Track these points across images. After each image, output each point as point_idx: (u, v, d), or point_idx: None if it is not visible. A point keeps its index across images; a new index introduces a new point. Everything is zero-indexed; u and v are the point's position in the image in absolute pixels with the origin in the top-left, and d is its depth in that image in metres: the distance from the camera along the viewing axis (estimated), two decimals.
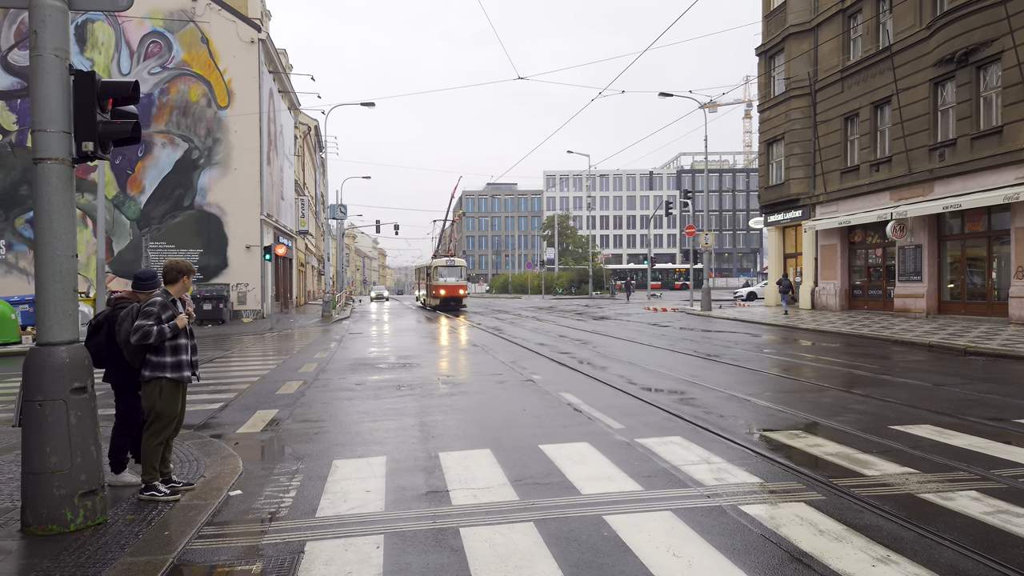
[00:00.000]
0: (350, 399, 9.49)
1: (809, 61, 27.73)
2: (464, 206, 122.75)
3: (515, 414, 8.32)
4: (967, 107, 20.22)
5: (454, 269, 37.49)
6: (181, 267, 5.34)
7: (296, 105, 43.23)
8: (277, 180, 34.54)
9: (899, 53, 22.62)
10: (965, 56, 19.89)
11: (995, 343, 14.31)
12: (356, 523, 4.61)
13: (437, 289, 36.29)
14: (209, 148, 29.06)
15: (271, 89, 32.81)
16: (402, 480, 5.57)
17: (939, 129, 21.62)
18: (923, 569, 3.72)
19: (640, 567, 3.84)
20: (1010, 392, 9.23)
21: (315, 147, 58.69)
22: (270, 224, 31.44)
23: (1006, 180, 18.69)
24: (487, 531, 4.41)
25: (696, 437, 6.80)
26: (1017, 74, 18.16)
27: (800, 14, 27.87)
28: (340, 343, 18.41)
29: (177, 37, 28.77)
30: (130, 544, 4.27)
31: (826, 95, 26.99)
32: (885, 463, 5.77)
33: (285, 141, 37.79)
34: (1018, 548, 3.99)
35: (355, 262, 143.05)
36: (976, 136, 19.90)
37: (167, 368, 5.15)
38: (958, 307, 21.37)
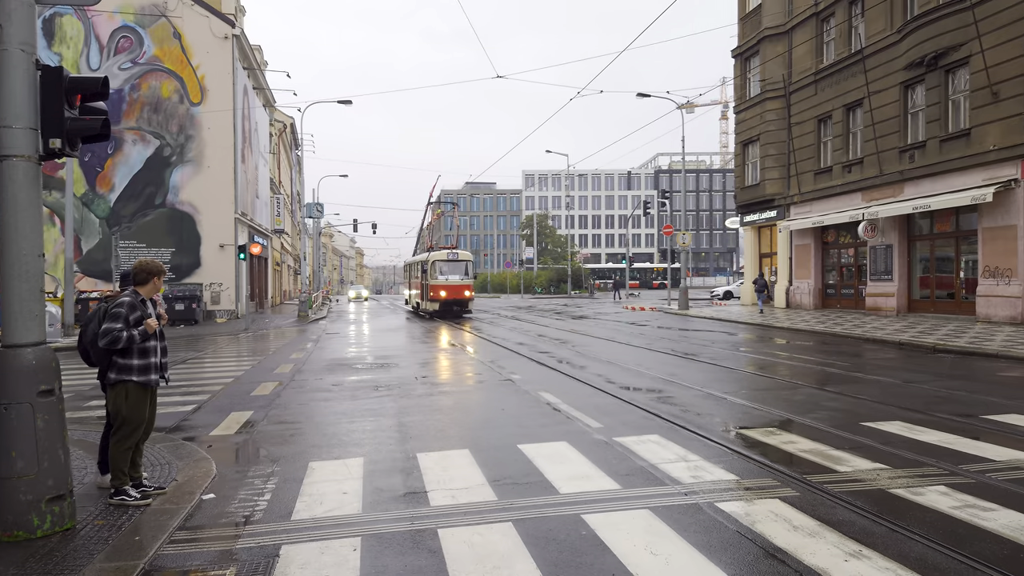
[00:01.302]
0: (327, 400, 9.40)
1: (784, 63, 28.08)
2: (443, 205, 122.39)
3: (494, 414, 8.31)
4: (936, 110, 20.63)
5: (458, 265, 29.07)
6: (151, 267, 5.21)
7: (271, 102, 42.76)
8: (252, 178, 34.13)
9: (871, 56, 22.99)
10: (934, 60, 20.29)
11: (963, 341, 14.62)
12: (333, 525, 4.57)
13: (436, 290, 28.40)
14: (181, 145, 28.62)
15: (245, 86, 32.41)
16: (380, 481, 5.53)
17: (909, 131, 22.03)
18: (894, 563, 3.78)
19: (618, 565, 3.86)
20: (977, 389, 9.43)
21: (291, 145, 58.13)
22: (245, 223, 31.06)
23: (974, 181, 19.09)
24: (465, 532, 4.39)
25: (674, 435, 6.85)
26: (984, 78, 18.57)
27: (775, 17, 28.21)
28: (317, 343, 18.24)
29: (149, 32, 28.29)
30: (100, 550, 4.19)
31: (800, 97, 27.35)
32: (857, 459, 5.86)
33: (260, 139, 37.34)
34: (985, 542, 4.07)
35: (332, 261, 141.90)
36: (945, 138, 20.31)
37: (134, 371, 5.03)
38: (927, 305, 21.79)
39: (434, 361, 13.88)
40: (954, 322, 19.18)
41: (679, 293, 31.03)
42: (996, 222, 18.57)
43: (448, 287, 28.35)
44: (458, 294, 28.49)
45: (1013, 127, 17.99)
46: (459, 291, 28.58)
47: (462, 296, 28.60)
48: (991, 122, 18.63)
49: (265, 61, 43.17)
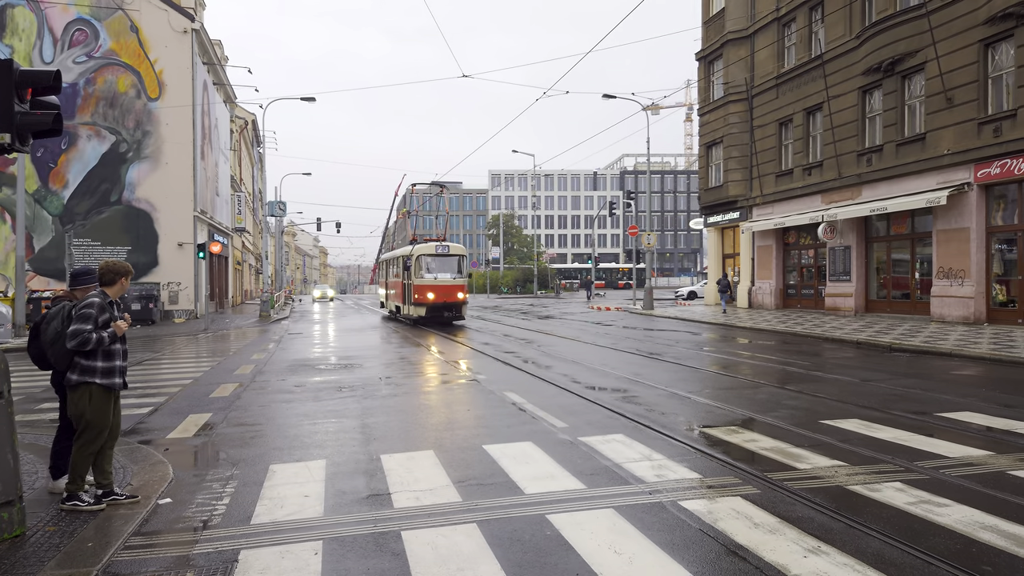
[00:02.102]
0: (289, 402, 9.25)
1: (746, 67, 28.55)
2: (408, 204, 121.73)
3: (459, 414, 8.27)
4: (893, 115, 21.19)
5: (448, 260, 23.85)
6: (119, 268, 5.10)
7: (232, 98, 41.97)
8: (212, 175, 33.45)
9: (830, 61, 23.51)
10: (891, 66, 20.84)
11: (918, 340, 15.03)
12: (293, 529, 4.48)
13: (421, 291, 22.99)
14: (138, 141, 27.91)
15: (205, 81, 31.75)
16: (342, 484, 5.45)
17: (867, 135, 22.59)
18: (851, 559, 3.86)
19: (582, 565, 3.86)
20: (931, 387, 9.70)
21: (252, 142, 57.16)
22: (204, 221, 30.44)
23: (928, 185, 19.66)
24: (429, 534, 4.35)
25: (638, 435, 6.89)
26: (939, 84, 19.13)
27: (738, 21, 28.66)
28: (279, 344, 17.96)
29: (105, 25, 27.53)
30: (50, 557, 4.04)
31: (762, 100, 27.84)
32: (816, 457, 5.97)
33: (220, 135, 36.61)
34: (939, 537, 4.18)
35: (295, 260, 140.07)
36: (901, 143, 20.87)
37: (97, 373, 4.89)
38: (884, 306, 22.37)
39: (399, 361, 13.77)
40: (910, 322, 19.72)
41: (644, 293, 31.32)
42: (950, 224, 19.15)
43: (437, 288, 22.93)
44: (449, 296, 23.06)
45: (966, 132, 18.58)
46: (451, 293, 23.14)
47: (454, 299, 23.14)
48: (945, 127, 19.20)
49: (226, 56, 42.38)
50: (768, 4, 27.08)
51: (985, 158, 17.92)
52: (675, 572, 3.76)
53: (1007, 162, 17.34)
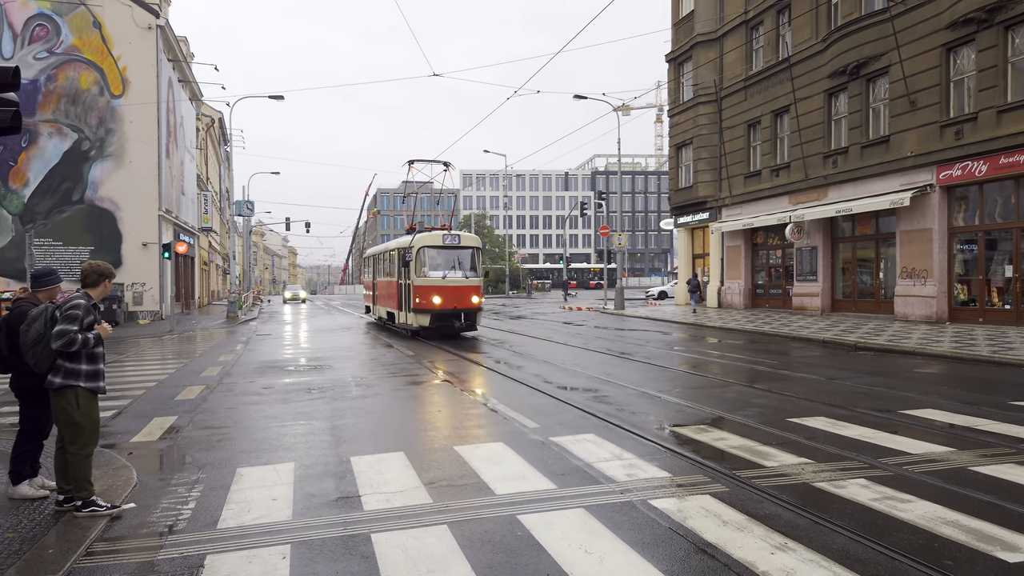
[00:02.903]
0: (256, 404, 9.10)
1: (715, 69, 28.90)
2: (379, 204, 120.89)
3: (430, 415, 8.22)
4: (858, 117, 21.62)
5: (459, 255, 18.69)
6: (102, 270, 5.05)
7: (198, 96, 41.26)
8: (177, 174, 32.84)
9: (797, 64, 23.90)
10: (856, 69, 21.25)
11: (882, 339, 15.35)
12: (261, 533, 4.41)
13: (425, 294, 17.98)
14: (101, 139, 27.28)
15: (170, 78, 31.16)
16: (311, 487, 5.38)
17: (833, 137, 23.01)
18: (817, 555, 3.91)
19: (553, 565, 3.86)
20: (895, 385, 9.91)
21: (219, 140, 56.20)
22: (169, 220, 29.87)
23: (892, 186, 20.09)
24: (400, 536, 4.32)
25: (609, 434, 6.92)
26: (902, 87, 19.56)
27: (707, 23, 28.99)
28: (247, 345, 17.69)
29: (66, 20, 26.86)
30: (11, 564, 3.93)
31: (731, 102, 28.19)
32: (784, 454, 6.05)
33: (186, 133, 35.95)
34: (902, 532, 4.26)
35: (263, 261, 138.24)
36: (866, 145, 21.30)
37: (82, 376, 4.83)
38: (849, 305, 22.81)
39: (369, 362, 13.65)
40: (874, 321, 20.13)
41: (615, 293, 31.52)
42: (913, 225, 19.59)
43: (445, 290, 17.80)
44: (461, 300, 17.84)
45: (929, 135, 19.02)
46: (463, 296, 17.91)
47: (467, 304, 17.96)
48: (908, 130, 19.64)
49: (192, 53, 41.63)
50: (736, 7, 27.44)
51: (947, 160, 18.37)
52: (645, 570, 3.78)
53: (968, 164, 17.80)
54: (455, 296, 17.91)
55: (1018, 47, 16.74)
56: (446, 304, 17.78)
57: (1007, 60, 16.91)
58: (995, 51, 17.05)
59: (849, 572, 3.69)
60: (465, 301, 18.01)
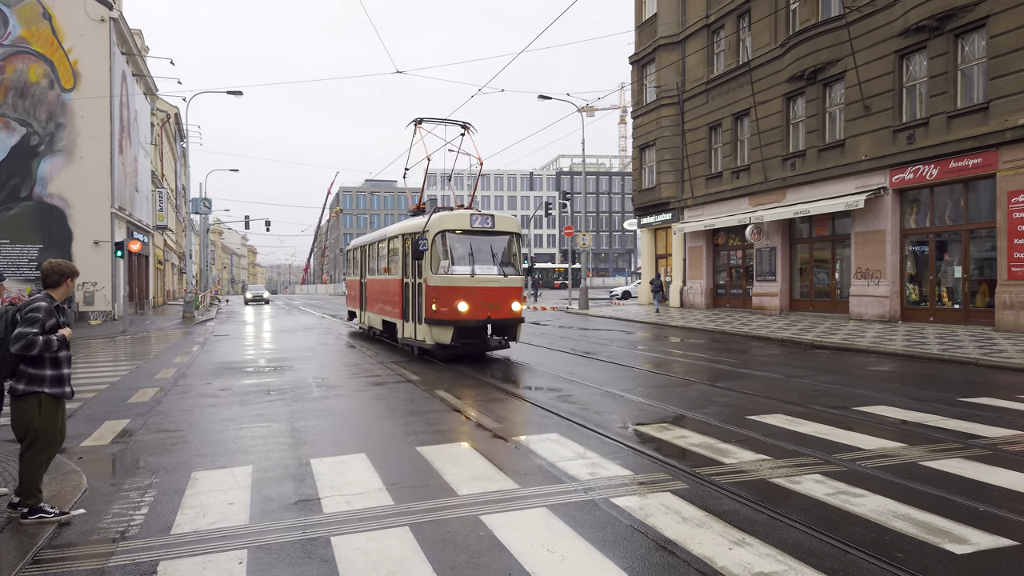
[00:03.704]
0: (213, 406, 8.90)
1: (678, 71, 29.26)
2: (341, 203, 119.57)
3: (393, 416, 8.15)
4: (815, 121, 22.11)
5: (494, 243, 13.74)
6: (63, 269, 4.87)
7: (153, 90, 40.18)
8: (131, 170, 31.97)
9: (756, 68, 24.34)
10: (814, 74, 21.74)
11: (837, 337, 15.73)
12: (217, 538, 4.31)
13: (447, 298, 12.93)
14: (51, 134, 26.41)
15: (124, 72, 30.31)
16: (269, 490, 5.28)
17: (791, 140, 23.50)
18: (774, 549, 3.98)
19: (515, 565, 3.85)
20: (850, 382, 10.15)
21: (175, 136, 54.89)
22: (122, 218, 29.06)
23: (848, 189, 20.60)
24: (360, 539, 4.26)
25: (572, 433, 6.94)
26: (857, 92, 20.07)
27: (669, 26, 29.34)
28: (203, 346, 17.30)
29: (15, 11, 25.91)
30: None
31: (693, 105, 28.59)
32: (742, 451, 6.15)
33: (140, 128, 35.01)
34: (855, 526, 4.36)
35: (222, 259, 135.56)
36: (822, 148, 21.80)
37: (46, 382, 4.68)
38: (807, 304, 23.32)
39: (330, 363, 13.47)
40: (830, 320, 20.62)
41: (579, 293, 31.69)
42: (867, 227, 20.11)
43: (475, 293, 12.84)
44: (498, 308, 13.04)
45: (882, 139, 19.55)
46: (500, 301, 13.09)
47: (506, 312, 13.14)
48: (863, 134, 20.16)
49: (146, 47, 40.59)
50: (698, 11, 27.83)
51: (899, 164, 18.90)
52: (606, 568, 3.80)
53: (920, 168, 18.34)
54: (489, 301, 12.78)
55: (967, 55, 17.32)
56: (476, 313, 12.62)
57: (957, 67, 17.48)
58: (945, 58, 17.60)
59: (804, 565, 3.76)
60: (503, 309, 12.93)
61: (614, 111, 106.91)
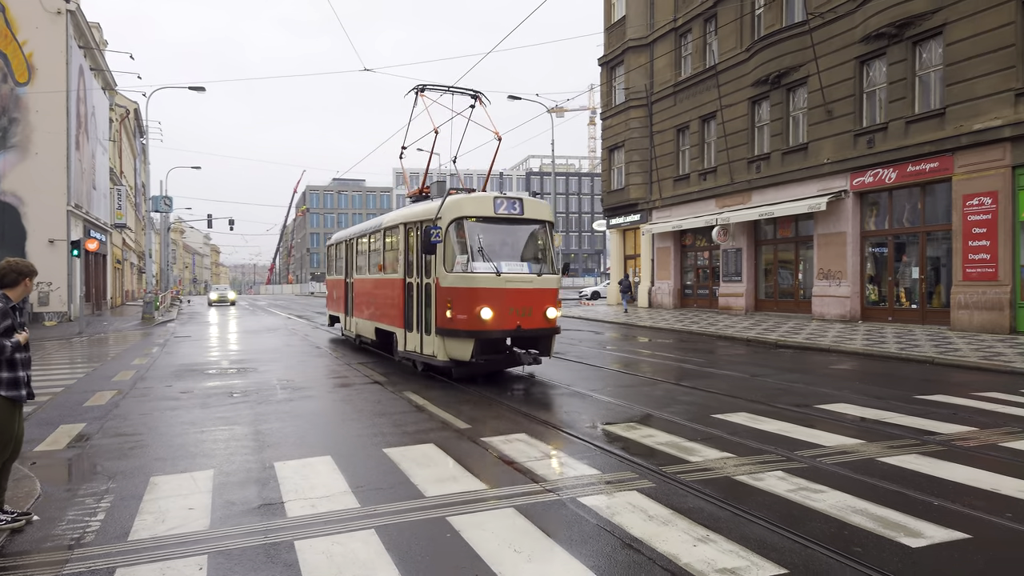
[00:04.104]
0: (174, 409, 8.71)
1: (646, 74, 29.54)
2: (308, 202, 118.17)
3: (359, 417, 8.07)
4: (779, 125, 22.51)
5: (523, 233, 11.07)
6: (21, 268, 4.68)
7: (112, 85, 39.20)
8: (88, 167, 31.14)
9: (723, 72, 24.69)
10: (778, 78, 22.12)
11: (800, 337, 16.03)
12: (176, 544, 4.22)
13: (465, 302, 10.16)
14: (4, 129, 25.59)
15: (81, 66, 29.52)
16: (232, 494, 5.18)
17: (756, 144, 23.88)
18: (737, 546, 4.04)
19: (481, 565, 3.84)
20: (812, 381, 10.35)
21: (135, 132, 53.62)
22: (79, 216, 28.30)
23: (811, 191, 21.00)
24: (324, 542, 4.21)
25: (540, 433, 6.95)
26: (820, 97, 20.48)
27: (638, 29, 29.61)
28: (163, 348, 16.92)
29: None
30: None
31: (661, 107, 28.88)
32: (707, 449, 6.22)
33: (98, 124, 34.10)
34: (816, 521, 4.44)
35: (183, 259, 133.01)
36: (786, 151, 22.20)
37: (2, 385, 4.56)
38: (771, 305, 23.73)
39: (296, 364, 13.30)
40: (793, 320, 21.00)
41: None
42: (829, 229, 20.54)
43: (502, 296, 10.32)
44: (529, 315, 10.53)
45: (843, 143, 19.98)
46: (532, 306, 10.58)
47: (540, 321, 10.67)
48: (825, 138, 20.58)
49: (105, 40, 39.56)
50: (666, 14, 28.13)
51: (860, 167, 19.34)
52: (572, 567, 3.81)
53: (879, 171, 18.79)
54: (519, 306, 10.33)
55: (924, 61, 17.79)
56: (503, 321, 10.13)
57: (915, 73, 17.95)
58: (904, 65, 18.06)
59: (765, 561, 3.82)
60: (535, 316, 10.47)
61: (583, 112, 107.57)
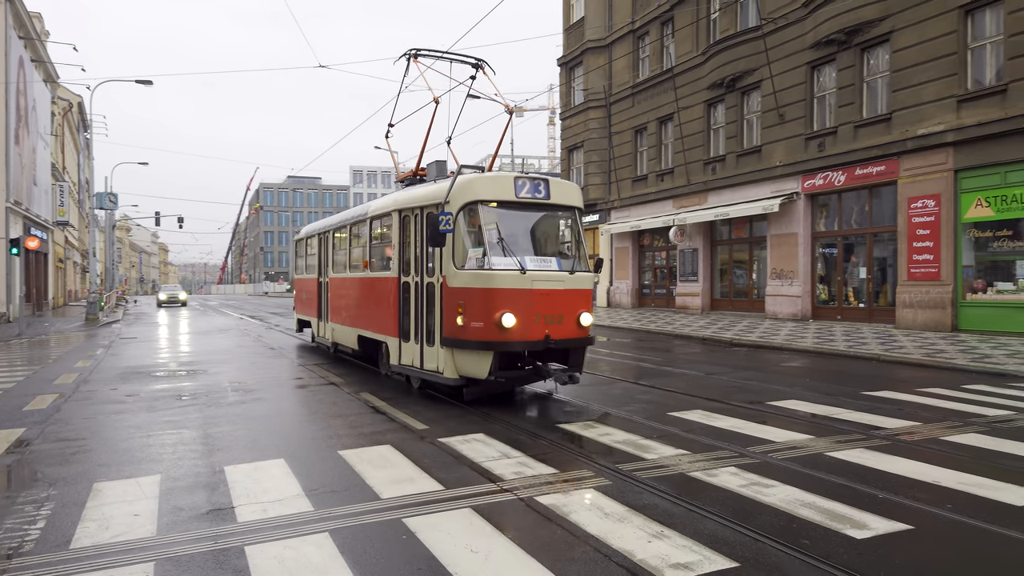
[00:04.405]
0: (119, 413, 8.43)
1: (605, 75, 29.80)
2: (262, 199, 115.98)
3: (314, 419, 7.94)
4: (734, 127, 22.95)
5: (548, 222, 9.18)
6: None
7: (54, 77, 37.80)
8: (29, 162, 29.96)
9: (680, 75, 25.06)
10: (732, 82, 22.55)
11: (754, 335, 16.37)
12: (120, 552, 4.07)
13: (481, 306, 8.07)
14: None
15: (22, 57, 28.40)
16: (180, 500, 5.03)
17: (712, 146, 24.31)
18: (690, 541, 4.09)
19: (437, 566, 3.81)
20: (765, 378, 10.58)
21: (79, 127, 51.83)
22: (18, 213, 27.22)
23: (764, 193, 21.47)
24: (276, 547, 4.12)
25: (498, 433, 6.94)
26: (772, 101, 20.94)
27: (597, 30, 29.84)
28: (108, 349, 16.38)
29: None
30: None
31: (620, 108, 29.17)
32: (663, 447, 6.30)
33: (40, 118, 32.83)
34: (766, 515, 4.53)
35: (129, 258, 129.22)
36: (741, 153, 22.65)
37: None
38: (727, 304, 24.18)
39: (248, 366, 13.01)
40: (748, 319, 21.44)
41: None
42: (782, 230, 21.02)
43: (528, 299, 8.13)
44: (560, 322, 8.34)
45: (795, 146, 20.48)
46: (564, 312, 8.39)
47: (573, 331, 8.48)
48: (778, 141, 21.06)
49: (47, 31, 38.17)
50: (624, 16, 28.42)
51: (811, 170, 19.85)
52: (529, 565, 3.81)
53: (828, 174, 19.31)
54: (549, 312, 8.28)
55: (873, 68, 18.35)
56: (528, 330, 8.12)
57: (863, 79, 18.49)
58: (853, 70, 18.59)
59: (717, 555, 3.89)
60: (566, 323, 8.39)
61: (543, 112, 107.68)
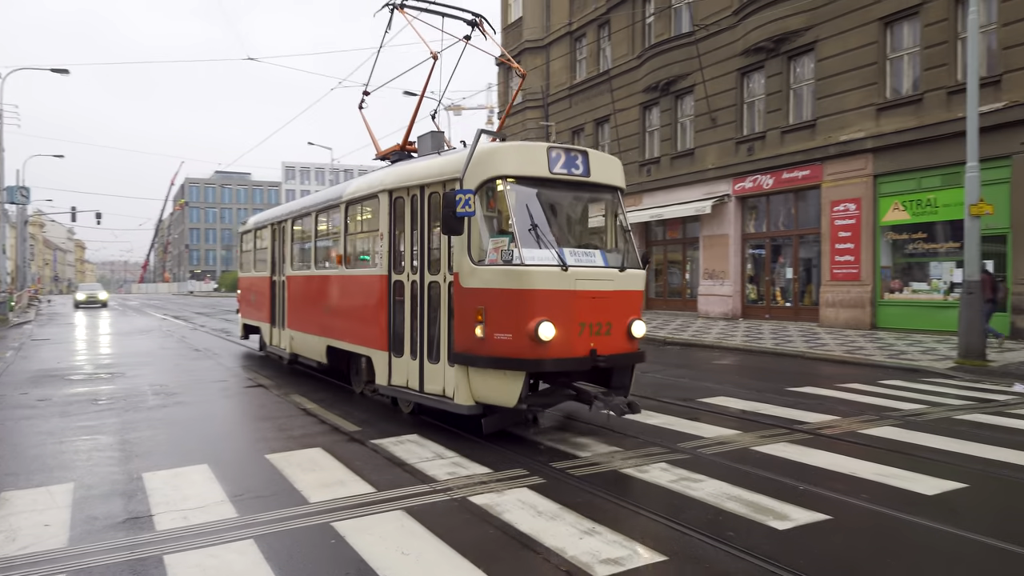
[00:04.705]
0: (28, 418, 7.95)
1: (543, 76, 30.00)
2: (187, 195, 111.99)
3: (240, 423, 7.69)
4: (668, 130, 23.47)
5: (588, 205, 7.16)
6: None
7: None
8: None
9: (616, 77, 25.46)
10: (667, 86, 23.05)
11: (687, 334, 16.77)
12: (29, 564, 3.84)
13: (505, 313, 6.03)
14: None
15: None
16: (94, 508, 4.78)
17: (647, 148, 24.79)
18: (621, 536, 4.14)
19: (367, 569, 3.74)
20: (696, 376, 10.85)
21: None
22: None
23: (697, 195, 22.03)
24: (197, 555, 3.95)
25: (432, 434, 6.87)
26: (705, 105, 21.50)
27: (534, 31, 30.02)
28: (18, 352, 15.47)
29: None
30: None
31: (557, 109, 29.41)
32: (598, 444, 6.37)
33: None
34: (694, 509, 4.63)
35: (43, 255, 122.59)
36: (675, 156, 23.18)
37: None
38: (662, 303, 24.71)
39: (171, 369, 12.48)
40: (681, 317, 21.96)
41: None
42: (714, 231, 21.61)
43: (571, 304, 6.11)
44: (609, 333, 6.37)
45: (726, 150, 21.08)
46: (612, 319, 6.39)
47: (621, 344, 6.52)
48: (710, 144, 21.65)
49: None
50: (561, 17, 28.68)
51: (741, 173, 20.48)
52: (460, 565, 3.78)
53: (757, 178, 19.97)
54: (594, 319, 6.37)
55: (799, 75, 19.06)
56: (571, 344, 6.23)
57: (790, 86, 19.20)
58: (780, 78, 19.28)
59: (647, 549, 3.95)
60: (615, 335, 6.55)
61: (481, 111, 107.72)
